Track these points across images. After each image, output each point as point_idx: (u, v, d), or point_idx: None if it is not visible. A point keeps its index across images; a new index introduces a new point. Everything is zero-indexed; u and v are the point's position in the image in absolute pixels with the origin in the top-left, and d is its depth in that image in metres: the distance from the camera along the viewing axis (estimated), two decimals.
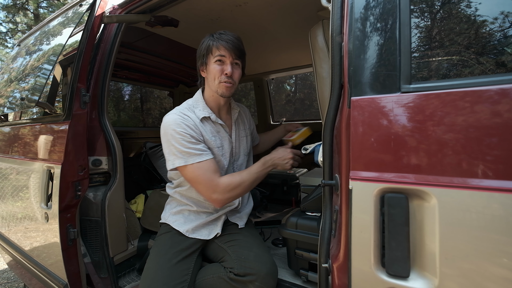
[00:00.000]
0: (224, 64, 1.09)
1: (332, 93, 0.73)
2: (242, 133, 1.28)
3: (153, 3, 1.35)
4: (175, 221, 1.17)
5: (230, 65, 1.09)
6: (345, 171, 0.65)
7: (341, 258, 0.66)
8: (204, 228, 1.17)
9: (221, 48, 1.07)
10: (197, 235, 1.15)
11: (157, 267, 1.05)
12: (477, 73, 0.55)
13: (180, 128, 1.02)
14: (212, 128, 1.15)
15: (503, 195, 0.46)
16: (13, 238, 1.66)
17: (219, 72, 1.08)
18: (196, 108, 1.14)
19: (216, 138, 1.14)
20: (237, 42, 1.09)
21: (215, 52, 1.08)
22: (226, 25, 1.74)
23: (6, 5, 8.71)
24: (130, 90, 4.19)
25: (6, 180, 1.70)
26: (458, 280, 0.51)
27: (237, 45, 1.09)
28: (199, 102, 1.16)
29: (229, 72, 1.08)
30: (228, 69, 1.08)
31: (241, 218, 1.25)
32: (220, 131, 1.17)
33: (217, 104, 1.18)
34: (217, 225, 1.18)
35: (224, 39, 1.07)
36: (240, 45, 1.11)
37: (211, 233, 1.16)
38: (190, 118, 1.08)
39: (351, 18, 0.66)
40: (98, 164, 1.38)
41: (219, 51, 1.07)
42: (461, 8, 0.58)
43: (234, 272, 1.01)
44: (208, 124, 1.14)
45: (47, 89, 1.34)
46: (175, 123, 1.03)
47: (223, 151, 1.16)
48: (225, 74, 1.08)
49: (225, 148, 1.17)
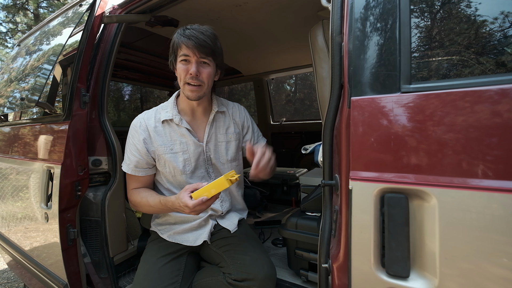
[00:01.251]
0: (190, 63, 0.99)
1: (332, 93, 0.73)
2: (221, 138, 1.15)
3: (153, 3, 1.35)
4: (161, 229, 1.17)
5: (195, 64, 0.97)
6: (345, 171, 0.65)
7: (341, 258, 0.66)
8: (191, 233, 1.12)
9: (184, 46, 0.96)
10: (183, 240, 1.11)
11: (145, 273, 1.04)
12: (477, 73, 0.55)
13: (131, 134, 1.10)
14: (174, 131, 1.09)
15: (503, 195, 0.46)
16: (13, 238, 1.66)
17: (184, 72, 0.99)
18: (164, 109, 1.11)
19: (176, 142, 1.08)
20: (203, 38, 0.96)
21: (180, 51, 0.99)
22: (226, 25, 1.74)
23: (6, 5, 8.72)
24: (130, 90, 4.19)
25: (6, 180, 1.70)
26: (458, 280, 0.51)
27: (203, 41, 0.95)
28: (169, 103, 1.12)
29: (193, 72, 0.97)
30: (192, 69, 0.97)
31: (232, 222, 1.17)
32: (185, 135, 1.09)
33: (189, 106, 1.11)
34: (205, 231, 1.12)
35: (187, 36, 0.95)
36: (207, 41, 0.96)
37: (198, 239, 1.11)
38: (145, 123, 1.08)
39: (351, 18, 0.66)
40: (98, 164, 1.38)
41: (183, 49, 0.97)
42: (461, 8, 0.58)
43: (232, 278, 0.99)
44: (170, 127, 1.09)
45: (47, 89, 1.34)
46: (130, 129, 1.11)
47: (186, 156, 1.09)
48: (190, 74, 0.98)
49: (190, 153, 1.09)
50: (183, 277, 1.05)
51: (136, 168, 1.08)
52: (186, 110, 1.12)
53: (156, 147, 1.07)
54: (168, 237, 1.13)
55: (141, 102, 4.19)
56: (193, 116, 1.13)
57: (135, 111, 4.06)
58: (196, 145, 1.10)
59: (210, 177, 1.14)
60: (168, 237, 1.13)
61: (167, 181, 1.12)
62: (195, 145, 1.10)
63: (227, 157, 1.16)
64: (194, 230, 1.13)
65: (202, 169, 1.13)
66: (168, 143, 1.08)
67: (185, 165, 1.09)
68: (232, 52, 2.32)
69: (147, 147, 1.07)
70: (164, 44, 2.06)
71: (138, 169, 1.09)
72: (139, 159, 1.07)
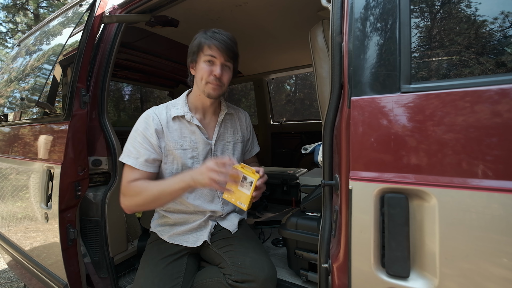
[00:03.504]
0: (214, 65, 1.03)
1: (332, 93, 0.73)
2: (229, 138, 1.19)
3: (153, 3, 1.35)
4: (161, 230, 1.16)
5: (220, 67, 1.03)
6: (345, 171, 0.65)
7: (341, 258, 0.66)
8: (191, 234, 1.12)
9: (213, 47, 1.01)
10: (183, 241, 1.11)
11: (146, 275, 1.03)
12: (477, 73, 0.55)
13: (142, 127, 1.04)
14: (185, 128, 1.09)
15: (503, 195, 0.46)
16: (13, 238, 1.66)
17: (207, 73, 1.03)
18: (174, 106, 1.11)
19: (186, 139, 1.08)
20: (230, 43, 1.03)
21: (206, 51, 1.02)
22: (226, 25, 1.74)
23: (6, 5, 8.72)
24: (130, 90, 4.20)
25: (6, 180, 1.70)
26: (458, 280, 0.51)
27: (230, 46, 1.03)
28: (179, 101, 1.12)
29: (218, 74, 1.02)
30: (217, 71, 1.02)
31: (232, 223, 1.18)
32: (195, 132, 1.10)
33: (202, 104, 1.12)
34: (205, 232, 1.12)
35: (217, 39, 1.01)
36: (233, 46, 1.04)
37: (198, 240, 1.11)
38: (157, 117, 1.05)
39: (351, 18, 0.66)
40: (98, 164, 1.38)
41: (211, 50, 1.01)
42: (461, 8, 0.58)
43: (232, 279, 0.98)
44: (181, 124, 1.09)
45: (47, 89, 1.34)
46: (140, 121, 1.06)
47: (195, 153, 1.09)
48: (214, 76, 1.02)
49: (199, 150, 1.10)
50: (184, 279, 1.05)
51: (146, 163, 1.02)
52: (198, 109, 1.13)
53: (167, 142, 1.06)
54: (168, 238, 1.13)
55: (141, 102, 4.20)
56: (204, 115, 1.15)
57: (135, 111, 4.07)
58: (205, 143, 1.11)
59: None
60: (168, 238, 1.13)
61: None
62: (204, 143, 1.11)
63: (233, 157, 1.18)
64: (194, 231, 1.13)
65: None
66: (179, 140, 1.07)
67: (194, 162, 1.09)
68: None
69: (159, 141, 1.05)
70: (164, 44, 2.08)
71: (148, 165, 1.02)
72: (151, 152, 1.03)
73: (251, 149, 1.35)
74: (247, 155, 1.34)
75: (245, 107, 6.13)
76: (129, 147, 1.03)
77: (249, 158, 1.35)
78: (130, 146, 1.03)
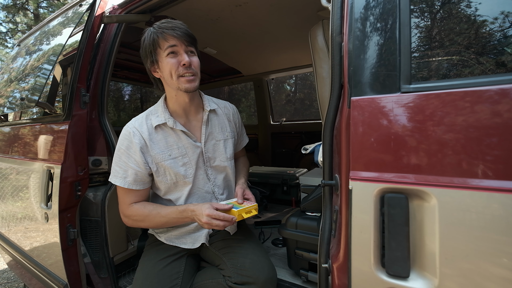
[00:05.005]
0: (179, 54, 0.96)
1: (332, 93, 0.73)
2: (218, 136, 1.13)
3: (153, 3, 1.35)
4: (158, 232, 1.15)
5: (185, 54, 0.96)
6: (345, 171, 0.65)
7: (341, 258, 0.66)
8: (188, 236, 1.11)
9: (170, 37, 0.94)
10: (180, 243, 1.10)
11: (144, 277, 1.03)
12: (477, 73, 0.55)
13: (124, 145, 1.01)
14: (170, 136, 1.04)
15: (503, 195, 0.46)
16: (13, 238, 1.66)
17: (175, 65, 0.95)
18: (153, 114, 1.05)
19: (174, 147, 1.04)
20: (184, 27, 0.97)
21: (164, 45, 0.95)
22: (226, 25, 1.74)
23: (6, 5, 8.72)
24: (130, 90, 4.20)
25: (6, 180, 1.70)
26: (458, 280, 0.51)
27: (185, 30, 0.97)
28: (159, 107, 1.06)
29: (187, 62, 0.95)
30: (185, 58, 0.95)
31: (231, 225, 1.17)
32: (181, 138, 1.05)
33: (182, 106, 1.05)
34: (202, 234, 1.10)
35: (169, 28, 0.95)
36: (188, 30, 0.98)
37: (196, 242, 1.09)
38: (138, 131, 1.00)
39: (351, 18, 0.66)
40: (98, 164, 1.38)
41: (168, 41, 0.94)
42: (461, 8, 0.58)
43: (232, 281, 0.98)
44: (164, 132, 1.04)
45: (47, 89, 1.34)
46: (121, 138, 1.02)
47: (186, 160, 1.05)
48: (183, 65, 0.95)
49: (189, 156, 1.05)
50: (183, 280, 1.04)
51: (135, 182, 1.00)
52: (178, 112, 1.06)
53: (153, 155, 1.01)
54: (165, 240, 1.12)
55: (141, 102, 4.20)
56: (187, 117, 1.09)
57: (135, 111, 4.07)
58: (194, 147, 1.06)
59: (209, 179, 1.11)
60: (165, 240, 1.12)
61: (167, 191, 1.08)
62: (193, 147, 1.06)
63: (226, 155, 1.13)
64: (192, 233, 1.11)
65: (201, 170, 1.10)
66: (166, 150, 1.03)
67: (186, 169, 1.05)
68: (232, 52, 2.32)
69: (145, 156, 1.00)
70: None
71: (138, 183, 1.01)
72: (137, 171, 1.00)
73: (241, 141, 1.30)
74: (237, 147, 1.28)
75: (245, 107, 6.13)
76: (115, 167, 1.02)
77: (238, 151, 1.30)
78: (116, 166, 1.02)
